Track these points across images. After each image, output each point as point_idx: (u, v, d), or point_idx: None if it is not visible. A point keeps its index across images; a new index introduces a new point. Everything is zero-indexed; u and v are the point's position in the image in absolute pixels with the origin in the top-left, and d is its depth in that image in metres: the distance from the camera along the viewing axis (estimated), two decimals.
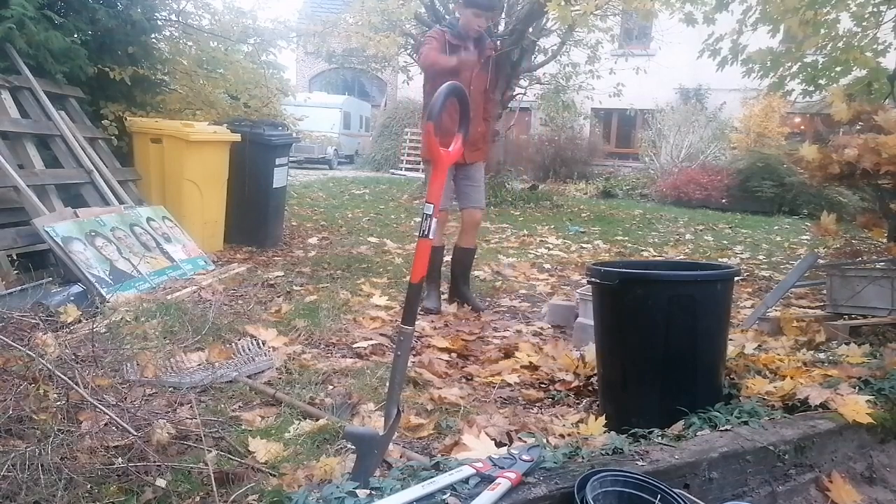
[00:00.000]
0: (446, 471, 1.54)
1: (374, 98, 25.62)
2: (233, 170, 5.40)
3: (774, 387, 2.29)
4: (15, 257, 3.65)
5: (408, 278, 1.82)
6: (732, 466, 1.81)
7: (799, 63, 5.96)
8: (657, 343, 2.18)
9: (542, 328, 3.73)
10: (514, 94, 12.19)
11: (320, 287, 4.19)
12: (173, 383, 2.41)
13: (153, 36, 5.80)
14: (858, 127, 4.31)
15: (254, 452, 1.93)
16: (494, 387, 2.74)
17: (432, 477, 1.50)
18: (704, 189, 13.08)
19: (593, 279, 2.32)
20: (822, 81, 5.95)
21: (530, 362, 2.98)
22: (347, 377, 2.66)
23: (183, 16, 6.31)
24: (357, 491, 1.45)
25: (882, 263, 4.23)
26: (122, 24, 5.05)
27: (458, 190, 3.95)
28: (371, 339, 3.20)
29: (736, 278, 2.50)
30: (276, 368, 2.70)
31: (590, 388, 2.67)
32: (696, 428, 1.97)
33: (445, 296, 4.20)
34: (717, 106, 16.33)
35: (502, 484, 1.47)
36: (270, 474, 1.81)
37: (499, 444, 2.07)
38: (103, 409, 1.84)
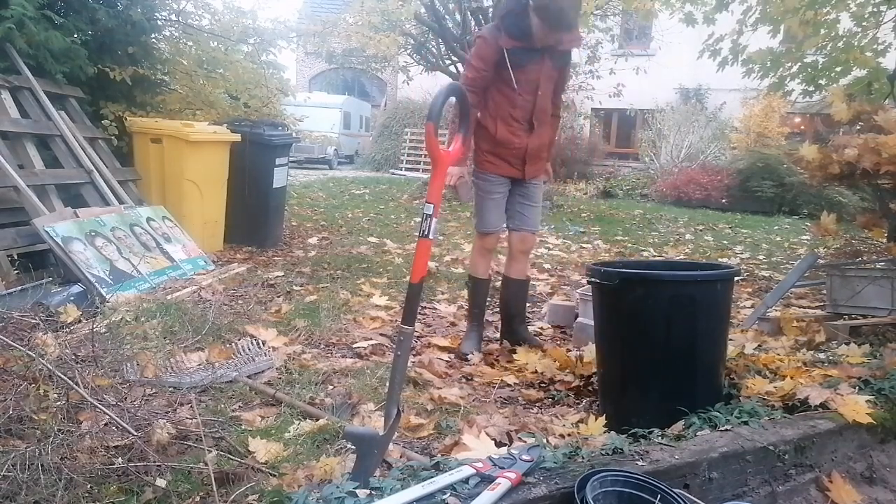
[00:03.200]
0: (446, 471, 1.54)
1: (374, 98, 25.61)
2: (233, 170, 5.40)
3: (774, 387, 2.29)
4: (15, 257, 3.65)
5: (408, 278, 1.82)
6: (732, 466, 1.81)
7: (799, 63, 5.96)
8: (657, 343, 2.18)
9: (542, 328, 3.73)
10: None
11: (320, 287, 4.19)
12: (173, 383, 2.41)
13: (153, 36, 5.80)
14: (858, 127, 4.31)
15: (254, 452, 1.93)
16: (494, 387, 2.74)
17: (432, 477, 1.50)
18: (704, 189, 13.08)
19: (593, 279, 2.32)
20: (822, 81, 5.95)
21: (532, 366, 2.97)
22: (347, 377, 2.66)
23: (183, 16, 6.30)
24: (357, 491, 1.45)
25: (882, 263, 4.24)
26: (122, 24, 5.04)
27: (511, 209, 3.24)
28: (371, 339, 3.20)
29: (736, 278, 2.50)
30: (276, 368, 2.70)
31: (590, 388, 2.67)
32: (696, 428, 1.97)
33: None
34: (717, 106, 16.33)
35: (502, 484, 1.47)
36: (270, 474, 1.82)
37: (499, 444, 2.07)
38: (103, 409, 1.84)
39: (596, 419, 2.17)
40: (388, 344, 3.17)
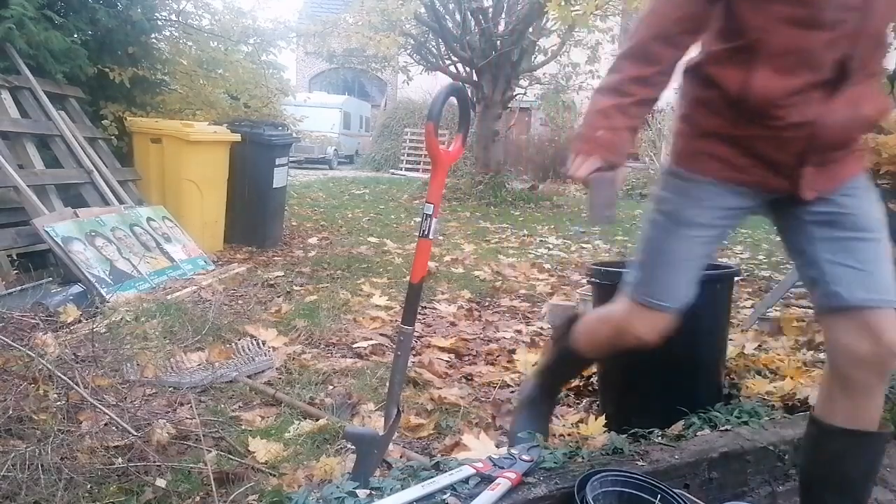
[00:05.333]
0: (446, 471, 1.54)
1: (374, 98, 25.64)
2: (233, 170, 5.40)
3: (774, 387, 2.29)
4: (15, 257, 3.66)
5: (408, 278, 1.82)
6: (732, 466, 1.81)
7: None
8: (657, 343, 2.18)
9: (542, 328, 3.73)
10: (514, 94, 12.20)
11: (320, 287, 4.19)
12: (173, 383, 2.41)
13: (153, 36, 5.80)
14: None
15: (254, 452, 1.93)
16: (494, 387, 2.74)
17: (432, 477, 1.50)
18: None
19: (593, 279, 2.32)
20: None
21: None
22: (347, 377, 2.66)
23: (183, 16, 6.30)
24: (357, 491, 1.45)
25: None
26: (122, 24, 5.05)
27: (817, 257, 1.49)
28: (371, 339, 3.20)
29: (736, 278, 2.50)
30: (276, 368, 2.70)
31: (590, 388, 2.67)
32: (696, 428, 1.97)
33: None
34: None
35: (502, 484, 1.47)
36: (270, 474, 1.82)
37: (499, 445, 2.07)
38: (103, 409, 1.84)
39: (596, 419, 2.16)
40: (388, 344, 3.17)
